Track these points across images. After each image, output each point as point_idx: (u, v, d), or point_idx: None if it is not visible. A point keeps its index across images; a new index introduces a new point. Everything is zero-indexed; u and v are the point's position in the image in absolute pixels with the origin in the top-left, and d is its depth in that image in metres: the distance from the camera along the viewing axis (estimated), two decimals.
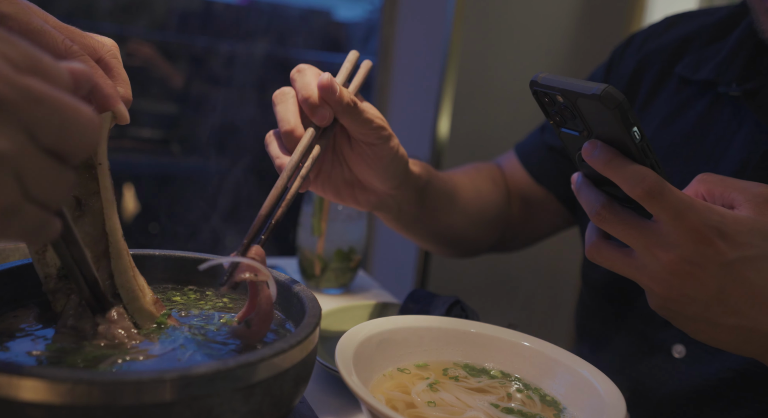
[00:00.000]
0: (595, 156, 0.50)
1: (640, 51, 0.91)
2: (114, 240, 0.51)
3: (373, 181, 0.72)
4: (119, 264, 0.52)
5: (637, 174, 0.49)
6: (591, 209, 0.53)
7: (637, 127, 0.48)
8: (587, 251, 0.56)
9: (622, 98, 0.46)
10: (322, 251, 1.01)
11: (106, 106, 0.50)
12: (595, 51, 1.81)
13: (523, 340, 0.63)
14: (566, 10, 1.81)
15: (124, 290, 0.52)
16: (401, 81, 1.85)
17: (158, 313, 0.53)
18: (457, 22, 1.69)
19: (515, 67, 1.79)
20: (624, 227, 0.51)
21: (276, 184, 0.59)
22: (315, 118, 0.64)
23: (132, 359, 0.47)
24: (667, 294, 0.52)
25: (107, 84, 0.51)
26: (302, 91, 0.63)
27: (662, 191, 0.49)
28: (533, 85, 0.51)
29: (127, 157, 2.06)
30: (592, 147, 0.51)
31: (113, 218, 0.51)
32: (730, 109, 0.77)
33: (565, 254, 1.87)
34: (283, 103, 0.65)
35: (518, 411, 0.55)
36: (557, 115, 0.53)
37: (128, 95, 0.53)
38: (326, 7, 2.14)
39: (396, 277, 1.90)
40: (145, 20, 1.97)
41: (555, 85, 0.49)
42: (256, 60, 2.10)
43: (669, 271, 0.51)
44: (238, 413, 0.42)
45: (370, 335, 0.59)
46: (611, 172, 0.50)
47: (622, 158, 0.50)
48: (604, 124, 0.49)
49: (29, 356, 0.46)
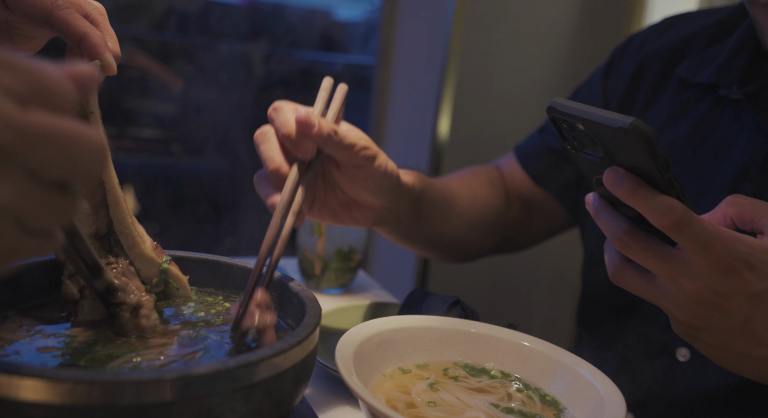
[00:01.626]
0: (619, 184, 0.49)
1: (640, 52, 0.91)
2: (111, 188, 0.53)
3: (368, 199, 0.72)
4: (117, 211, 0.53)
5: (663, 205, 0.48)
6: (613, 235, 0.52)
7: (664, 158, 0.47)
8: (610, 274, 0.55)
9: (650, 132, 0.45)
10: (322, 251, 1.01)
11: (94, 55, 0.51)
12: (595, 51, 1.81)
13: (523, 340, 0.63)
14: (566, 10, 1.81)
15: (124, 237, 0.53)
16: (401, 81, 1.85)
17: (159, 258, 0.55)
18: (457, 22, 1.69)
19: (515, 68, 1.79)
20: (648, 255, 0.51)
21: (270, 226, 0.58)
22: (299, 153, 0.64)
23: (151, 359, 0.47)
24: (691, 322, 0.52)
25: (95, 33, 0.51)
26: (282, 129, 0.63)
27: (690, 223, 0.48)
28: (551, 111, 0.50)
29: (127, 157, 2.06)
30: (615, 175, 0.49)
31: (108, 167, 0.52)
32: (731, 112, 0.77)
33: (565, 254, 1.88)
34: (265, 143, 0.65)
35: (518, 411, 0.55)
36: (575, 141, 0.52)
37: (116, 50, 0.54)
38: (326, 7, 2.14)
39: (396, 277, 1.90)
40: (144, 20, 1.97)
41: (576, 114, 0.48)
42: (256, 60, 2.10)
43: (694, 300, 0.50)
44: (238, 413, 0.42)
45: (370, 335, 0.59)
46: (636, 202, 0.49)
47: (647, 188, 0.49)
48: (628, 154, 0.48)
49: (44, 354, 0.46)
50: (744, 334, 0.51)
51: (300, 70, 2.15)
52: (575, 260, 1.92)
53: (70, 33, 0.51)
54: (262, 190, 0.65)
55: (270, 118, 0.65)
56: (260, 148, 0.65)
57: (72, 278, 0.52)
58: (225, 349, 0.51)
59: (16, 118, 0.30)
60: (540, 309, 1.97)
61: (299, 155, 0.64)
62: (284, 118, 0.64)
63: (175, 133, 2.13)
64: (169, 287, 0.56)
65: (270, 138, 0.65)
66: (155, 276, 0.55)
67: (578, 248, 0.98)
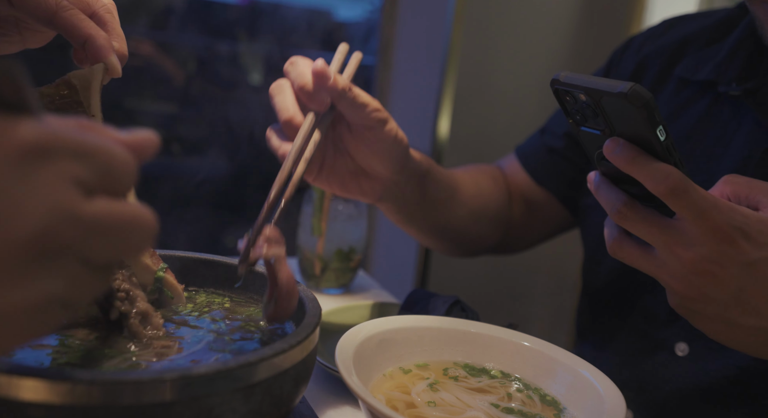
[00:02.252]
0: (618, 153, 0.50)
1: (639, 53, 0.91)
2: None
3: (377, 166, 0.73)
4: None
5: (661, 172, 0.49)
6: (612, 207, 0.53)
7: (662, 125, 0.48)
8: (609, 247, 0.56)
9: (649, 96, 0.46)
10: (322, 251, 1.01)
11: (98, 58, 0.50)
12: (595, 51, 1.81)
13: (523, 340, 0.63)
14: (566, 10, 1.81)
15: None
16: (401, 81, 1.85)
17: (155, 266, 0.54)
18: (457, 22, 1.69)
19: (515, 68, 1.79)
20: (645, 225, 0.51)
21: (281, 169, 0.60)
22: (313, 103, 0.65)
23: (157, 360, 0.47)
24: (687, 293, 0.52)
25: (100, 35, 0.51)
26: (298, 80, 0.65)
27: (686, 189, 0.48)
28: (555, 83, 0.51)
29: None
30: (615, 144, 0.50)
31: None
32: (730, 109, 0.77)
33: (565, 254, 1.87)
34: (280, 94, 0.66)
35: (518, 411, 0.55)
36: (578, 114, 0.52)
37: (123, 50, 0.53)
38: (326, 7, 2.14)
39: (396, 277, 1.90)
40: (145, 20, 1.97)
41: (578, 84, 0.49)
42: (257, 60, 2.10)
43: (689, 269, 0.51)
44: (238, 413, 0.42)
45: (370, 335, 0.59)
46: (635, 169, 0.50)
47: (646, 156, 0.49)
48: (628, 122, 0.49)
49: (38, 352, 0.46)
50: (738, 304, 0.51)
51: None
52: (575, 260, 1.92)
53: (74, 35, 0.50)
54: (274, 142, 0.66)
55: (286, 72, 0.66)
56: (275, 100, 0.66)
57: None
58: (226, 348, 0.51)
59: (80, 211, 0.29)
60: (540, 309, 1.97)
61: (313, 107, 0.65)
62: (300, 70, 0.65)
63: (175, 133, 2.13)
64: (163, 296, 0.56)
65: (285, 89, 0.66)
66: (150, 284, 0.54)
67: (578, 248, 0.98)
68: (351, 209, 1.04)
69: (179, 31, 2.02)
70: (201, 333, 0.53)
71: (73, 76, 0.50)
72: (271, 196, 0.57)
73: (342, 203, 1.03)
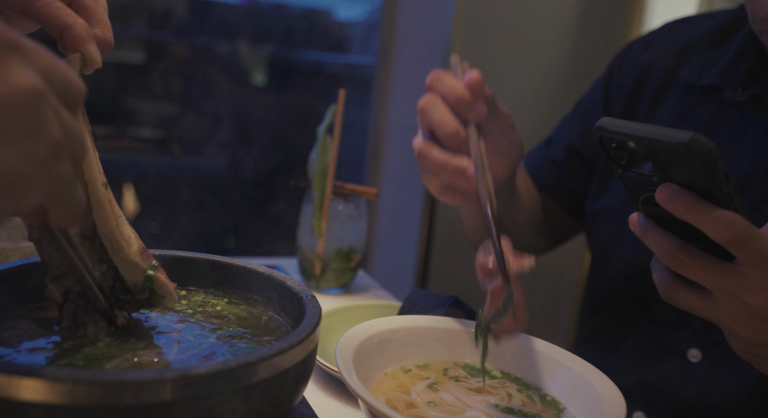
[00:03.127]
0: (674, 200, 0.48)
1: (642, 58, 0.91)
2: (93, 189, 0.50)
3: (502, 167, 0.74)
4: (100, 214, 0.50)
5: (724, 219, 0.47)
6: (665, 253, 0.51)
7: (724, 173, 0.46)
8: (662, 292, 0.55)
9: (711, 146, 0.44)
10: (322, 251, 1.01)
11: (76, 48, 0.48)
12: (595, 52, 1.81)
13: (523, 340, 0.63)
14: (566, 11, 1.81)
15: (107, 240, 0.50)
16: (401, 81, 1.85)
17: (144, 264, 0.52)
18: (457, 22, 1.69)
19: (515, 68, 1.79)
20: (705, 271, 0.50)
21: (479, 183, 0.62)
22: (472, 115, 0.66)
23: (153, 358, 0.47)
24: (755, 339, 0.51)
25: (78, 23, 0.48)
26: (453, 93, 0.66)
27: (752, 237, 0.47)
28: (599, 131, 0.49)
29: (127, 157, 2.06)
30: (670, 191, 0.48)
31: (91, 167, 0.50)
32: (735, 114, 0.77)
33: (565, 255, 1.88)
34: (435, 109, 0.66)
35: (518, 411, 0.55)
36: (623, 159, 0.50)
37: (105, 37, 0.50)
38: (326, 7, 2.14)
39: (396, 277, 1.90)
40: (145, 20, 1.97)
41: (628, 132, 0.47)
42: (256, 60, 2.10)
43: (756, 316, 0.49)
44: (238, 413, 0.42)
45: (370, 335, 0.59)
46: (695, 217, 0.48)
47: (705, 203, 0.48)
48: (685, 169, 0.47)
49: (36, 355, 0.46)
50: None
51: (300, 70, 2.15)
52: (575, 260, 1.92)
53: (50, 25, 0.48)
54: (434, 156, 0.66)
55: (432, 87, 0.67)
56: (431, 116, 0.66)
57: (55, 281, 0.50)
58: (226, 348, 0.51)
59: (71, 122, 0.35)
60: (540, 309, 1.97)
61: (472, 117, 0.66)
62: (451, 84, 0.66)
63: (175, 133, 2.13)
64: (154, 295, 0.53)
65: (439, 105, 0.66)
66: (139, 283, 0.52)
67: (578, 250, 0.98)
68: (351, 209, 1.04)
69: (179, 31, 2.02)
70: (200, 333, 0.53)
71: None
72: (492, 211, 0.59)
73: (342, 203, 1.04)
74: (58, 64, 0.35)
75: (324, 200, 1.01)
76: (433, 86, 0.67)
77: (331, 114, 1.00)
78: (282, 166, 2.09)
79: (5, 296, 0.53)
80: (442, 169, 0.66)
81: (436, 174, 0.68)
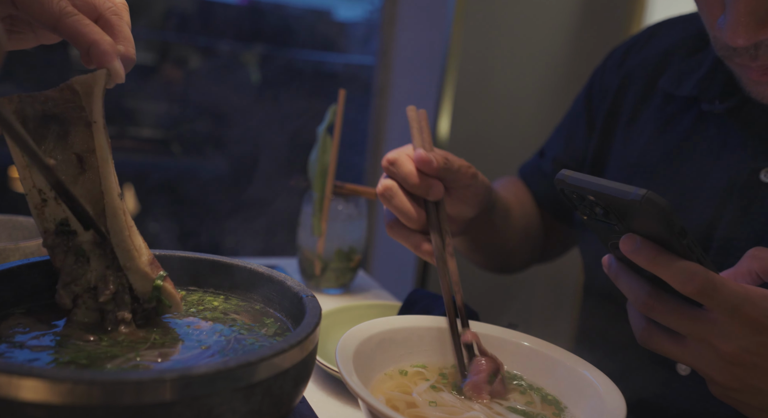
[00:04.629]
0: (637, 252, 0.48)
1: (622, 66, 0.91)
2: (109, 199, 0.51)
3: (467, 212, 0.76)
4: (114, 223, 0.51)
5: (686, 271, 0.47)
6: (636, 298, 0.51)
7: (680, 226, 0.46)
8: (638, 337, 0.55)
9: (665, 204, 0.44)
10: (322, 251, 1.01)
11: (102, 63, 0.50)
12: (595, 51, 1.81)
13: (523, 340, 0.63)
14: (566, 10, 1.81)
15: (119, 250, 0.52)
16: (401, 81, 1.85)
17: (153, 274, 0.53)
18: (457, 22, 1.69)
19: (515, 68, 1.79)
20: (676, 317, 0.49)
21: (439, 274, 0.66)
22: (431, 196, 0.69)
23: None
24: (730, 385, 0.50)
25: (104, 40, 0.50)
26: (409, 180, 0.68)
27: (715, 287, 0.47)
28: (560, 184, 0.50)
29: (127, 157, 2.06)
30: (632, 242, 0.49)
31: (109, 177, 0.51)
32: (714, 126, 0.77)
33: (565, 254, 1.87)
34: (395, 197, 0.69)
35: (519, 411, 0.55)
36: (587, 209, 0.51)
37: (129, 53, 0.52)
38: (326, 7, 2.15)
39: (396, 277, 1.90)
40: (145, 20, 1.97)
41: (585, 186, 0.48)
42: (256, 60, 2.10)
43: (729, 361, 0.49)
44: (238, 413, 0.42)
45: (370, 335, 0.59)
46: (657, 269, 0.48)
47: (667, 254, 0.47)
48: (642, 222, 0.47)
49: (39, 353, 0.46)
50: None
51: (300, 70, 2.15)
52: (575, 260, 1.92)
53: (78, 41, 0.50)
54: (402, 236, 0.70)
55: (389, 172, 0.69)
56: (392, 203, 0.69)
57: (66, 287, 0.52)
58: (226, 348, 0.51)
59: None
60: (540, 309, 1.97)
61: (431, 199, 0.69)
62: (407, 171, 0.68)
63: (175, 133, 2.13)
64: (161, 304, 0.55)
65: (397, 192, 0.69)
66: (148, 292, 0.53)
67: (578, 250, 0.99)
68: (351, 209, 1.04)
69: (179, 31, 2.02)
70: (200, 333, 0.53)
71: (76, 82, 0.49)
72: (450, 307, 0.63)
73: (342, 203, 1.04)
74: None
75: (324, 200, 1.01)
76: (389, 172, 0.69)
77: (331, 114, 1.00)
78: (282, 166, 2.09)
79: (6, 295, 0.53)
80: (412, 250, 0.70)
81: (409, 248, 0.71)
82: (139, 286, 0.53)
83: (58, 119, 0.51)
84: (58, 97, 0.50)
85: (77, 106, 0.50)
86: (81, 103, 0.50)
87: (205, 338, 0.52)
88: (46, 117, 0.51)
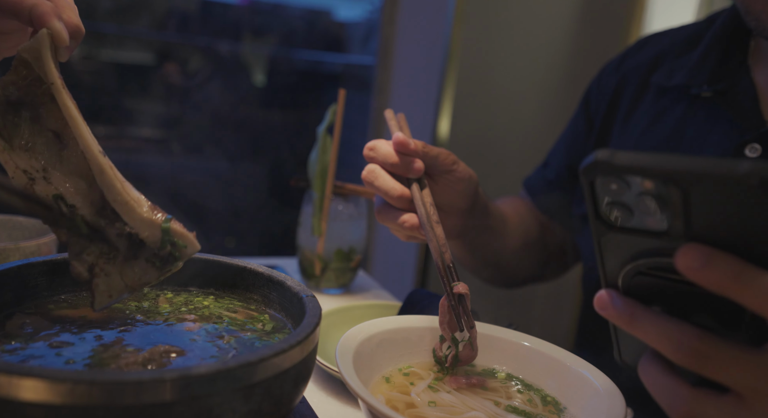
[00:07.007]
0: (711, 268, 0.34)
1: (619, 70, 0.96)
2: (91, 156, 0.50)
3: (458, 202, 0.77)
4: (103, 180, 0.50)
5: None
6: (678, 347, 0.37)
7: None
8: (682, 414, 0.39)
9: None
10: (322, 251, 1.01)
11: (42, 24, 0.49)
12: (594, 52, 1.81)
13: (523, 340, 0.63)
14: (566, 11, 1.81)
15: (117, 204, 0.51)
16: (401, 81, 1.85)
17: (158, 220, 0.52)
18: (457, 22, 1.69)
19: (515, 68, 1.79)
20: (739, 368, 0.36)
21: (429, 240, 0.66)
22: (411, 173, 0.70)
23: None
24: None
25: (43, 3, 0.50)
26: (389, 161, 0.70)
27: None
28: (596, 169, 0.35)
29: (128, 157, 2.06)
30: (701, 255, 0.34)
31: (84, 136, 0.50)
32: (704, 111, 0.81)
33: (567, 272, 1.87)
34: (378, 178, 0.71)
35: (519, 411, 0.55)
36: (619, 211, 0.36)
37: (72, 20, 0.51)
38: (326, 7, 2.15)
39: (396, 277, 1.90)
40: (145, 20, 1.97)
41: (648, 166, 0.33)
42: (256, 60, 2.10)
43: None
44: (238, 413, 0.42)
45: (370, 335, 0.59)
46: (742, 288, 0.34)
47: (753, 268, 0.34)
48: (728, 217, 0.33)
49: (53, 354, 0.46)
50: None
51: (300, 70, 2.15)
52: None
53: (17, 10, 0.49)
54: (390, 218, 0.71)
55: (370, 158, 0.71)
56: (375, 184, 0.70)
57: (78, 257, 0.51)
58: (226, 350, 0.51)
59: None
60: (540, 309, 1.97)
61: (412, 175, 0.70)
62: (385, 152, 0.70)
63: (175, 133, 2.13)
64: (175, 247, 0.52)
65: (380, 173, 0.71)
66: (158, 239, 0.52)
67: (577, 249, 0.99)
68: (351, 209, 1.04)
69: (179, 31, 2.02)
70: (200, 333, 0.53)
71: (23, 51, 0.49)
72: (441, 266, 0.63)
73: (342, 203, 1.04)
74: None
75: (324, 200, 1.01)
76: (370, 157, 0.71)
77: (331, 114, 1.00)
78: (282, 166, 2.09)
79: (6, 295, 0.53)
80: (400, 228, 0.71)
81: (398, 230, 0.73)
82: (148, 235, 0.51)
83: (26, 105, 0.51)
84: (15, 79, 0.49)
85: (35, 79, 0.49)
86: (36, 74, 0.49)
87: (204, 339, 0.52)
88: (14, 104, 0.50)
